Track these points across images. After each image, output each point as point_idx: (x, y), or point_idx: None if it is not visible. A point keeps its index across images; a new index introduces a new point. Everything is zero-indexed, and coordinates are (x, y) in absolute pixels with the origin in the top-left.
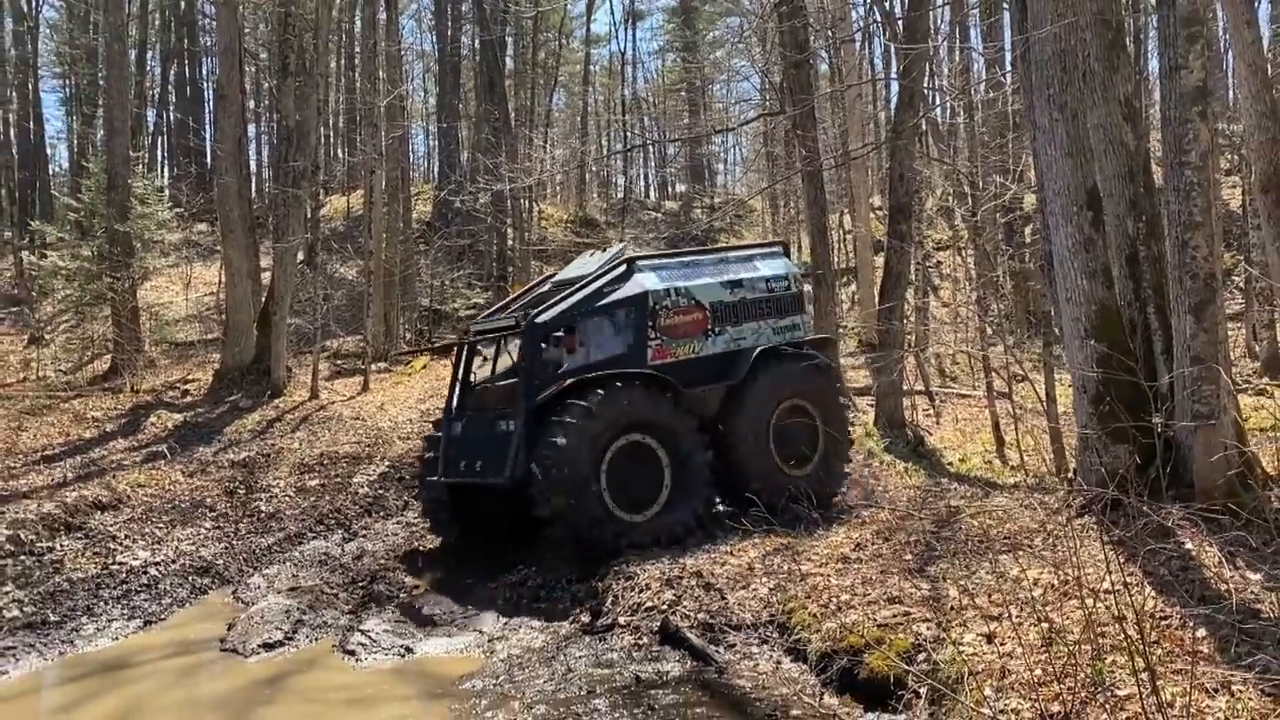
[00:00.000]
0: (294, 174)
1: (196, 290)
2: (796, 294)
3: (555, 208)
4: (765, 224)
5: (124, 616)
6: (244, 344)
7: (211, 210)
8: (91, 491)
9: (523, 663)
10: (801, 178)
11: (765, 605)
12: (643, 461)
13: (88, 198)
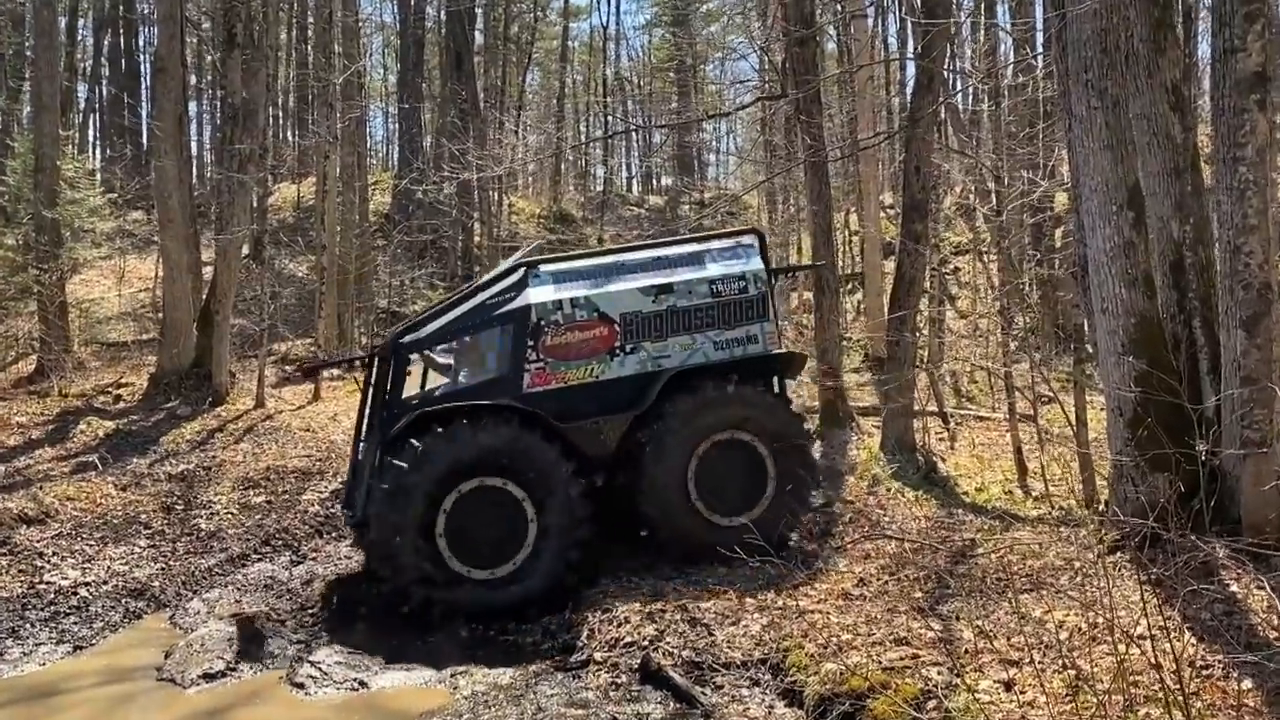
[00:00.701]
0: (240, 158)
1: (130, 285)
2: (755, 298)
3: (527, 201)
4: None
5: (52, 640)
6: (182, 345)
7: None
8: (16, 504)
9: (489, 700)
10: (804, 170)
11: (757, 643)
12: (499, 510)
13: (13, 180)
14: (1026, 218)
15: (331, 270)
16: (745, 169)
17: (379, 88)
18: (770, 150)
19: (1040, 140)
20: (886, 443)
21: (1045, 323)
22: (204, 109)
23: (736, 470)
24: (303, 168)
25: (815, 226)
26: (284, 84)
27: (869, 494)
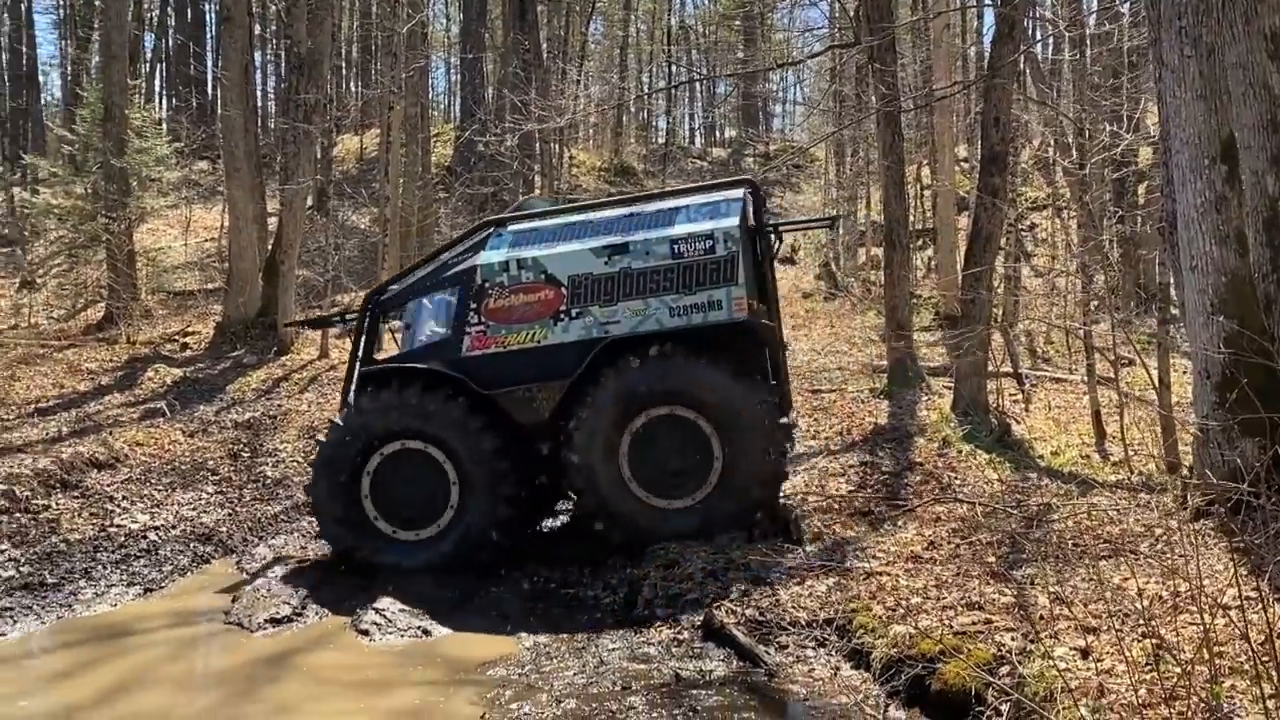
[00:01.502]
0: (304, 108)
1: (196, 235)
2: (723, 259)
3: (588, 154)
4: (829, 175)
5: (123, 582)
6: (248, 295)
7: (213, 146)
8: (88, 448)
9: (551, 651)
10: (876, 121)
11: (823, 604)
12: (423, 473)
13: (83, 129)
14: (1109, 172)
15: (394, 222)
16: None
17: (442, 38)
18: (840, 101)
19: (1125, 91)
20: (958, 404)
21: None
22: (269, 59)
23: (678, 449)
24: (366, 119)
25: (886, 180)
26: (348, 34)
27: (939, 456)
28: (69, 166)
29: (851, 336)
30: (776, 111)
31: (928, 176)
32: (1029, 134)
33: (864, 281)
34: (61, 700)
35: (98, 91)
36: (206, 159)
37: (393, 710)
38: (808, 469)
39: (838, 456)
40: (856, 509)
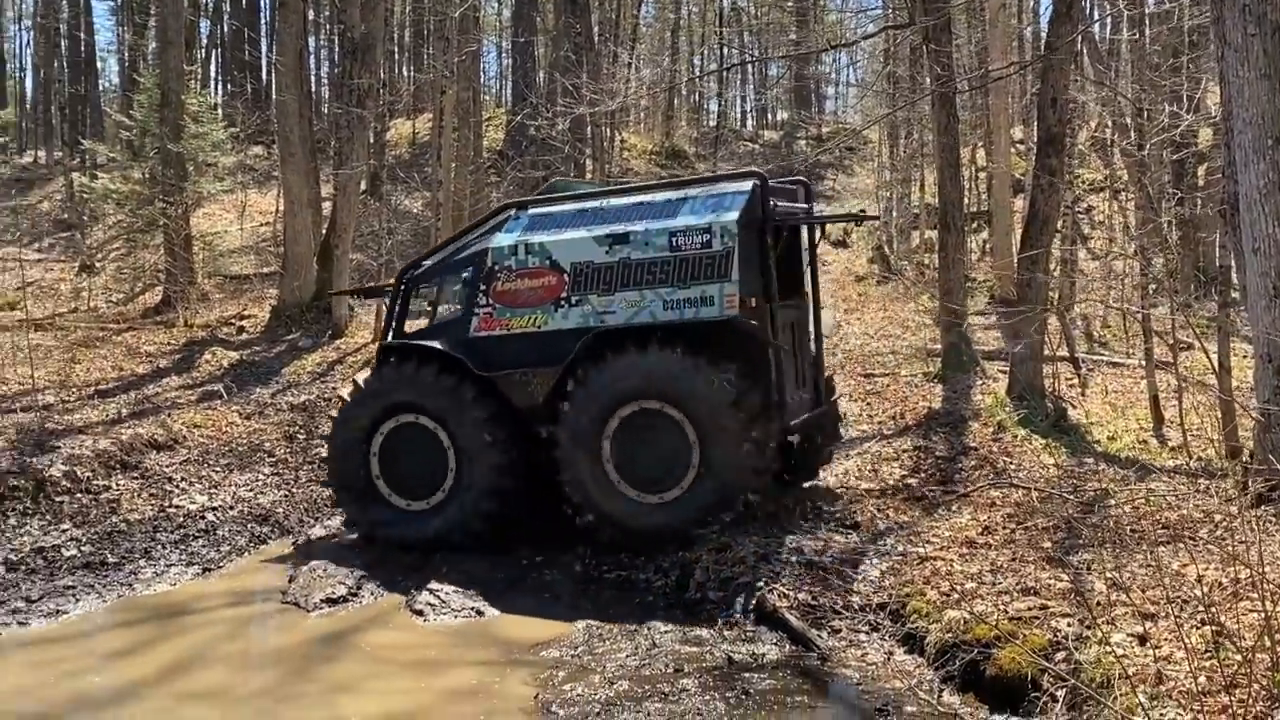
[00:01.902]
0: (358, 93)
1: (251, 219)
2: (719, 254)
3: (639, 137)
4: (882, 157)
5: (182, 562)
6: (303, 279)
7: (267, 132)
8: (147, 430)
9: (603, 634)
10: (931, 103)
11: (877, 589)
12: (424, 445)
13: (140, 115)
14: (1168, 154)
15: (446, 206)
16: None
17: (494, 22)
18: (894, 82)
19: (1185, 71)
20: (1013, 388)
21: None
22: (322, 44)
23: (658, 443)
24: (418, 104)
25: (941, 162)
26: (401, 19)
27: (994, 441)
28: (127, 152)
29: (905, 320)
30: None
31: (983, 158)
32: (1086, 115)
33: (918, 265)
34: (122, 677)
35: (155, 77)
36: (261, 144)
37: (448, 689)
38: (860, 453)
39: (891, 441)
40: (910, 494)
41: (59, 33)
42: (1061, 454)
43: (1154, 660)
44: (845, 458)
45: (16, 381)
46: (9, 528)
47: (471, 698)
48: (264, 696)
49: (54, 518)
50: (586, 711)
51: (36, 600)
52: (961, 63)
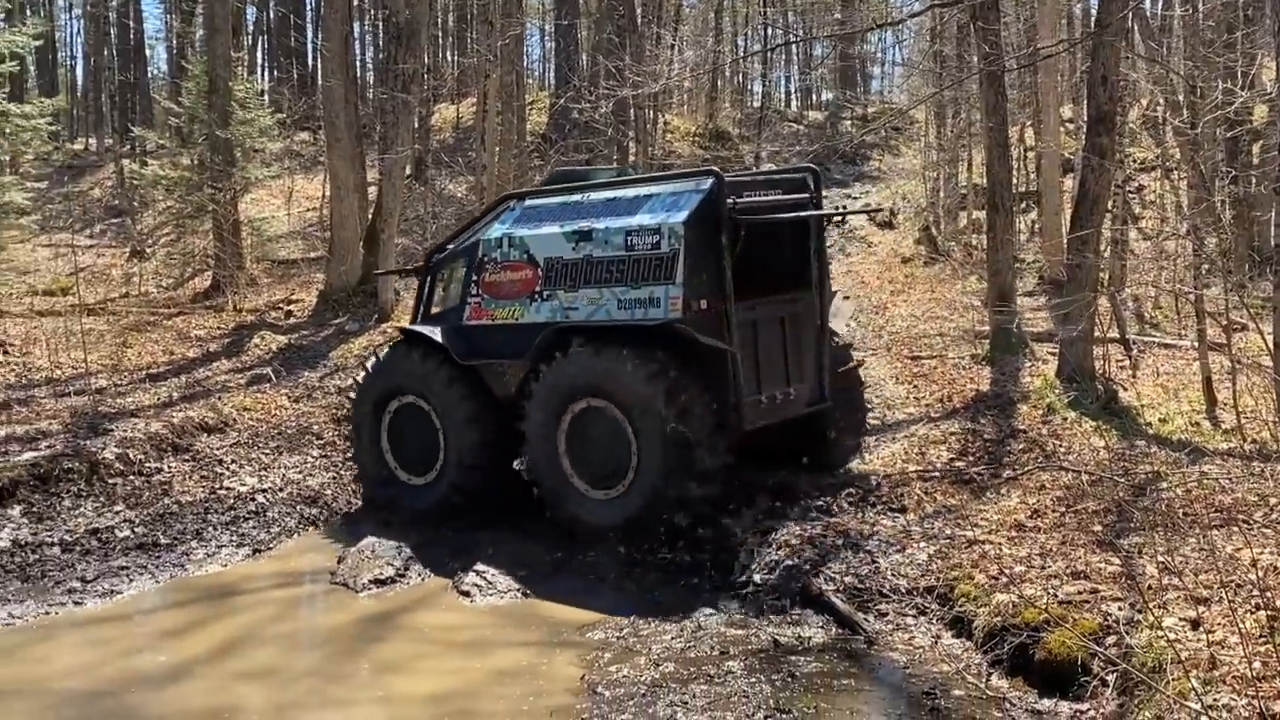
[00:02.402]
0: (403, 77)
1: (298, 205)
2: (665, 256)
3: (683, 119)
4: (929, 137)
5: (233, 543)
6: (349, 264)
7: (313, 117)
8: (197, 413)
9: (649, 616)
10: (979, 82)
11: (924, 572)
12: (423, 425)
13: (188, 101)
14: (1221, 131)
15: (491, 190)
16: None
17: (536, 6)
18: (941, 61)
19: (1239, 47)
20: (1063, 370)
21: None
22: (367, 30)
23: (604, 441)
24: (462, 88)
25: (990, 142)
26: (444, 3)
27: (1043, 423)
28: (175, 138)
29: (953, 302)
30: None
31: (1031, 138)
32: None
33: (965, 246)
34: (175, 656)
35: (202, 64)
36: (308, 130)
37: (496, 670)
38: (907, 436)
39: (938, 424)
40: (958, 476)
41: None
42: (1112, 436)
43: (1207, 645)
44: (892, 441)
45: (70, 365)
46: (64, 509)
47: (519, 678)
48: (314, 676)
49: (108, 499)
50: (632, 693)
51: (92, 580)
52: (1010, 41)
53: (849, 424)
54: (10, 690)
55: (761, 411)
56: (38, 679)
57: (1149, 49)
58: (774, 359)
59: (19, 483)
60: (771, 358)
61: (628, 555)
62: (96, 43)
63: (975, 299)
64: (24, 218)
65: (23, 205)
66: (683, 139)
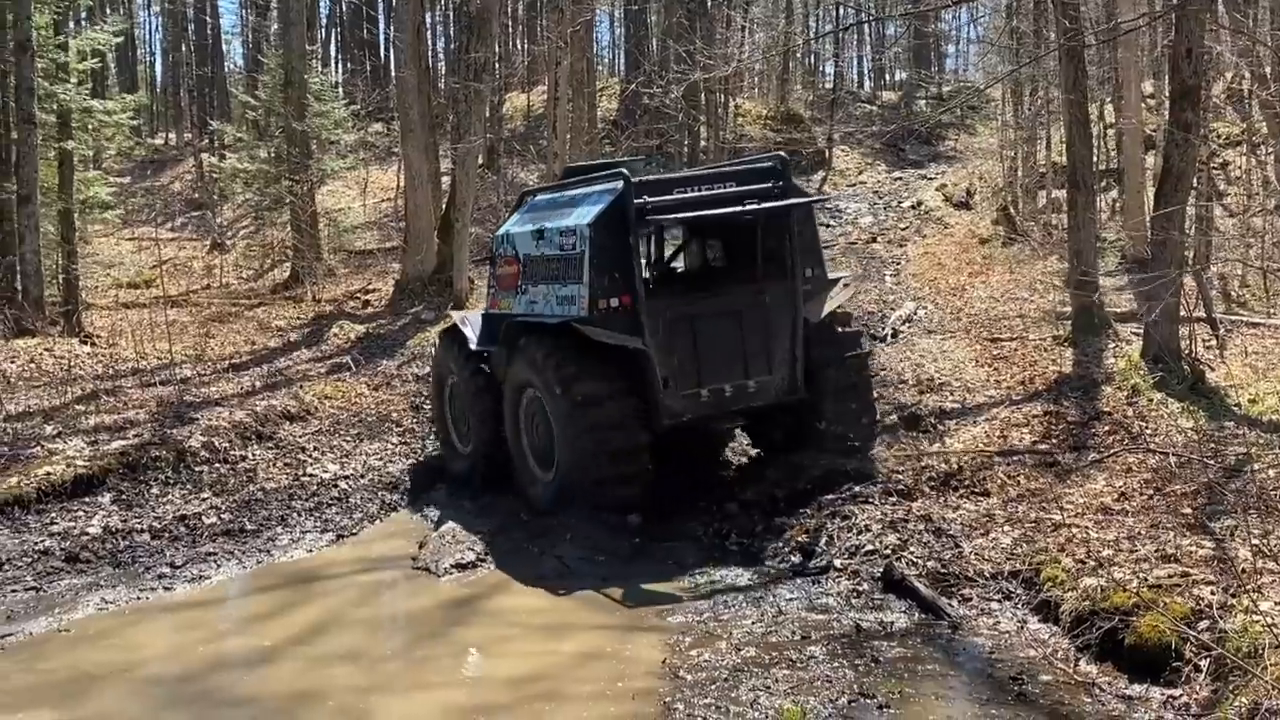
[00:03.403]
0: (475, 67)
1: (373, 195)
2: (579, 256)
3: (753, 102)
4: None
5: (317, 529)
6: (425, 253)
7: (387, 108)
8: (279, 401)
9: (728, 601)
10: (1058, 57)
11: (1008, 556)
12: (459, 403)
13: (265, 95)
14: None
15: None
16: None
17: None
18: (1017, 38)
19: None
20: (1148, 350)
21: None
22: (438, 20)
23: (542, 427)
24: (533, 76)
25: (1069, 119)
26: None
27: (1128, 405)
28: (253, 132)
29: (1032, 282)
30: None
31: (1111, 115)
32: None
33: (1044, 225)
34: (263, 640)
35: (278, 58)
36: (381, 121)
37: (577, 653)
38: (988, 419)
39: (1020, 406)
40: (1042, 459)
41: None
42: (1200, 418)
43: None
44: (973, 424)
45: (155, 356)
46: (152, 497)
47: (600, 661)
48: (398, 659)
49: (194, 487)
50: (714, 677)
51: (180, 566)
52: (1089, 15)
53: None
54: (103, 674)
55: (701, 405)
56: (130, 663)
57: (1234, 20)
58: (724, 352)
59: (109, 471)
60: (721, 351)
61: (707, 541)
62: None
63: (1056, 279)
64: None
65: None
66: (754, 122)
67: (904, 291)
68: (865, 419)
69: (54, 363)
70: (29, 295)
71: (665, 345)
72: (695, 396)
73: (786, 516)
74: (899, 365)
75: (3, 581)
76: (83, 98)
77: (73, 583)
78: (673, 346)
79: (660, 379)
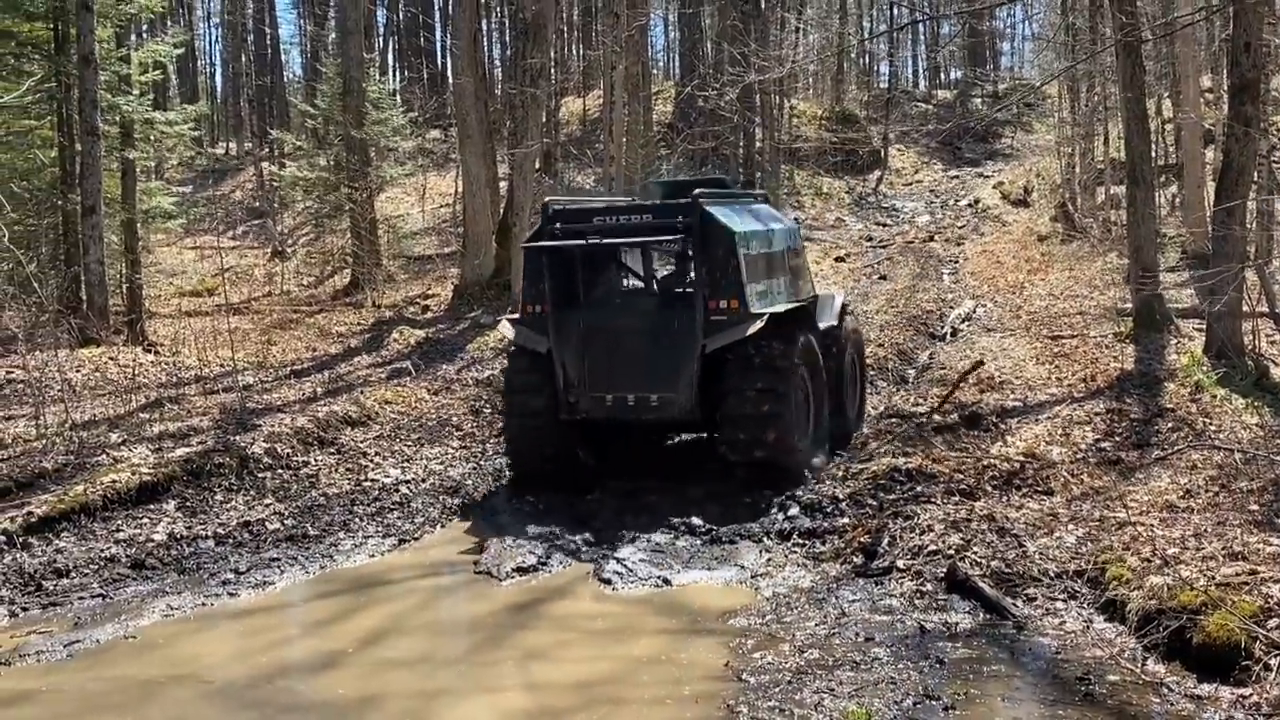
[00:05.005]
0: (531, 72)
1: (431, 201)
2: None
3: (808, 103)
4: (1062, 112)
5: (379, 534)
6: (483, 257)
7: (444, 115)
8: (341, 407)
9: (790, 602)
10: (1115, 53)
11: (1073, 556)
12: None
13: (323, 103)
14: None
15: (618, 180)
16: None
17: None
18: (1073, 34)
19: None
20: (1211, 346)
21: None
22: (494, 26)
23: None
24: (588, 80)
25: (1127, 115)
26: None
27: (1191, 401)
28: (312, 140)
29: (1092, 279)
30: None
31: (1169, 110)
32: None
33: (1103, 222)
34: (326, 645)
35: (336, 67)
36: (439, 127)
37: (639, 657)
38: (1050, 417)
39: (1082, 404)
40: (1105, 457)
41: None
42: (1265, 413)
43: None
44: (1035, 422)
45: (218, 363)
46: (216, 503)
47: (663, 665)
48: (461, 663)
49: (257, 493)
50: (777, 680)
51: (245, 572)
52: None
53: (743, 452)
54: (170, 678)
55: (606, 408)
56: (195, 670)
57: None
58: (630, 365)
59: (173, 478)
60: (626, 364)
61: (767, 543)
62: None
63: (1116, 275)
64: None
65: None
66: (809, 123)
67: (962, 290)
68: (759, 452)
69: (118, 371)
70: (94, 305)
71: (578, 351)
72: (601, 400)
73: (848, 517)
74: (959, 363)
75: (70, 589)
76: (144, 109)
77: (139, 589)
78: (584, 353)
79: (563, 380)
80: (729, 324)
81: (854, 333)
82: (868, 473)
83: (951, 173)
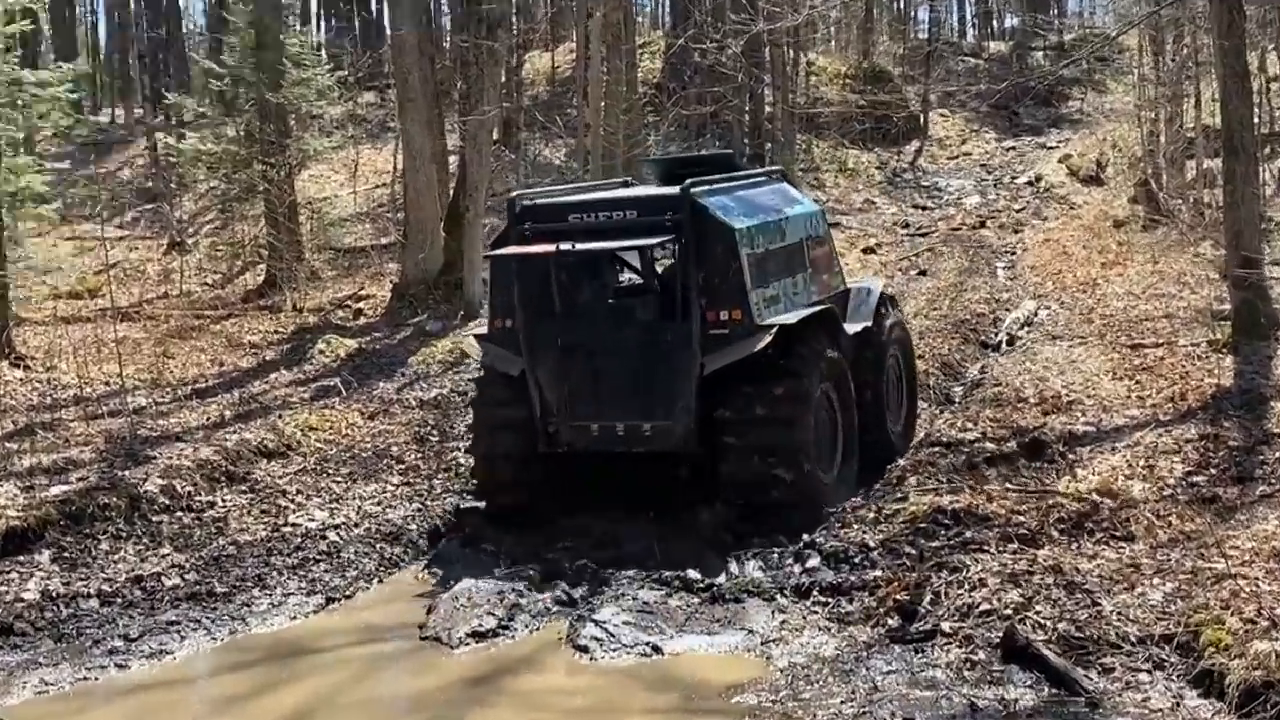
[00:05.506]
0: (487, 22)
1: (365, 180)
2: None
3: (830, 58)
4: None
5: (302, 591)
6: (429, 250)
7: (380, 74)
8: (254, 434)
9: (810, 675)
10: None
11: (1159, 616)
12: None
13: (231, 60)
14: None
15: (595, 154)
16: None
17: None
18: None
19: None
20: None
21: None
22: None
23: None
24: (558, 31)
25: (1224, 72)
26: None
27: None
28: (218, 106)
29: (1181, 274)
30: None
31: (1273, 66)
32: None
33: (1194, 203)
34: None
35: (247, 15)
36: (374, 89)
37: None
38: (1130, 445)
39: (1169, 429)
40: (1198, 494)
41: None
42: None
43: None
44: (1111, 451)
45: (102, 381)
46: (101, 554)
47: None
48: None
49: (152, 541)
50: None
51: (136, 639)
52: None
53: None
54: None
55: (592, 438)
56: None
57: None
58: (617, 389)
59: (48, 522)
60: (613, 388)
61: (781, 600)
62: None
63: (1211, 270)
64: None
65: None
66: (831, 82)
67: (1021, 288)
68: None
69: None
70: None
71: (556, 372)
72: (585, 430)
73: (881, 569)
74: (1017, 379)
75: None
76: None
77: (6, 660)
78: (564, 374)
79: (540, 406)
80: (731, 338)
81: (897, 329)
82: (905, 514)
83: (1007, 143)
